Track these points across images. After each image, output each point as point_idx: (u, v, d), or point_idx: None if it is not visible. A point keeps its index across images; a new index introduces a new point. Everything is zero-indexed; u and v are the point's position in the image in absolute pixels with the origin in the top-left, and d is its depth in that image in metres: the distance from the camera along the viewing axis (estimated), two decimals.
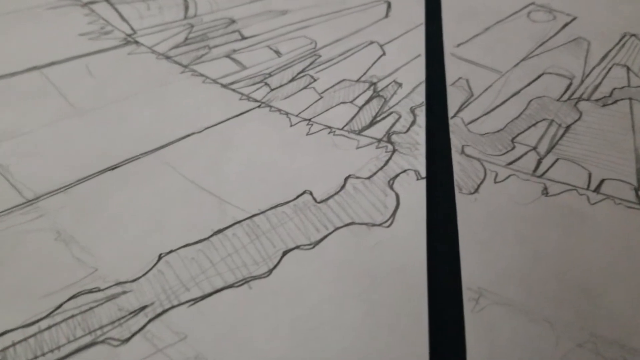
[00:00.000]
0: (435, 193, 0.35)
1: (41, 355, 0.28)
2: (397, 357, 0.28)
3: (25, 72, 0.47)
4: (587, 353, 0.28)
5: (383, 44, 0.49)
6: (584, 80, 0.45)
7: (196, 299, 0.30)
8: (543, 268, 0.31)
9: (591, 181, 0.36)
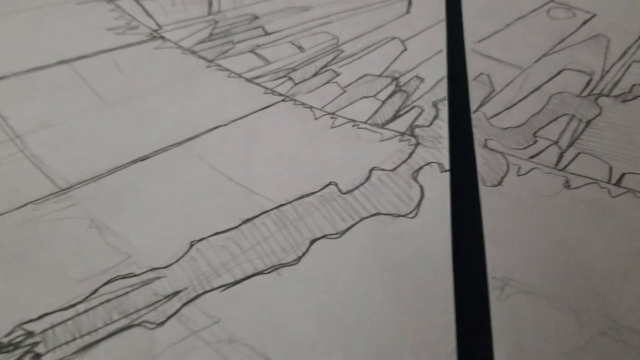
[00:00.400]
0: (459, 185, 0.36)
1: (79, 337, 0.29)
2: (424, 342, 0.28)
3: (54, 65, 0.48)
4: (610, 340, 0.29)
5: (404, 40, 0.49)
6: (603, 77, 0.45)
7: (228, 285, 0.31)
8: (566, 258, 0.32)
9: (612, 175, 0.37)
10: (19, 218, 0.35)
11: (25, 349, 0.29)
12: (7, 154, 0.39)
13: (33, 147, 0.40)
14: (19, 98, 0.44)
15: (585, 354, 0.28)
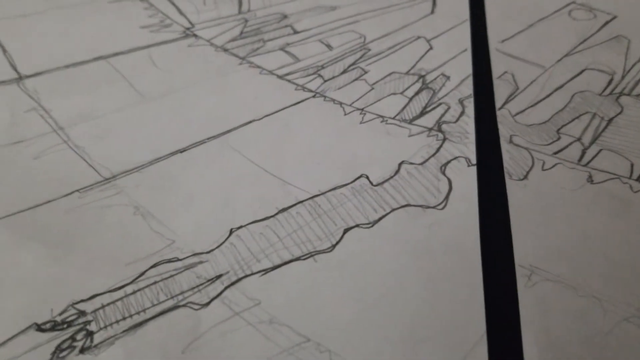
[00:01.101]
0: (486, 178, 0.37)
1: (129, 316, 0.31)
2: (455, 326, 0.30)
3: (92, 61, 0.49)
4: (632, 327, 0.30)
5: (430, 39, 0.51)
6: (624, 76, 0.47)
7: (267, 270, 0.33)
8: (590, 248, 0.33)
9: (633, 171, 0.38)
10: (67, 205, 0.37)
11: (79, 327, 0.30)
12: (52, 144, 0.41)
13: (76, 138, 0.42)
14: (60, 92, 0.46)
15: (608, 339, 0.29)
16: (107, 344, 0.30)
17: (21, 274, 0.32)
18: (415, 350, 0.29)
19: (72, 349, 0.29)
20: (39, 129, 0.42)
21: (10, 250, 0.34)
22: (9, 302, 0.31)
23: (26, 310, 0.31)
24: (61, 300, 0.31)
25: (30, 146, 0.41)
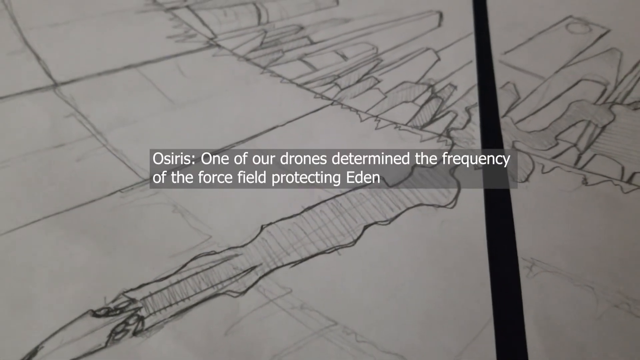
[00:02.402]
0: (491, 181, 0.41)
1: (175, 303, 0.35)
2: (465, 311, 0.34)
3: (123, 69, 0.53)
4: (621, 312, 0.34)
5: (438, 50, 0.55)
6: (617, 87, 0.51)
7: (296, 262, 0.37)
8: (585, 243, 0.37)
9: (624, 174, 0.42)
10: (110, 204, 0.41)
11: (130, 313, 0.34)
12: (92, 148, 0.45)
13: (114, 142, 0.45)
14: (95, 98, 0.50)
15: (600, 322, 0.33)
16: (157, 328, 0.33)
17: (76, 266, 0.36)
18: (430, 332, 0.33)
19: (125, 332, 0.33)
20: (79, 133, 0.46)
21: (65, 244, 0.37)
22: (66, 291, 0.35)
23: (82, 298, 0.34)
24: (113, 289, 0.35)
25: (72, 149, 0.45)
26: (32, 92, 0.50)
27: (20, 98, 0.49)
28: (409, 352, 0.32)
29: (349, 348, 0.32)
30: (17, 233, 0.38)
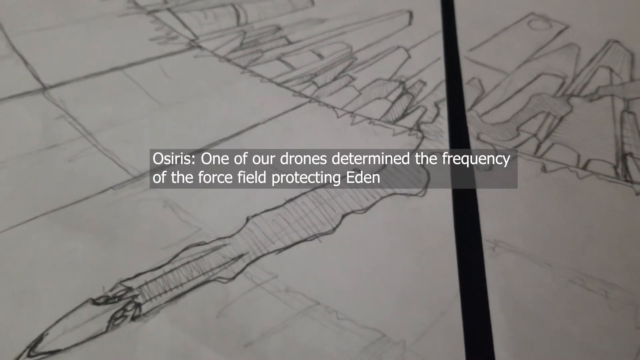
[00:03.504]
0: (458, 170, 0.45)
1: (169, 290, 0.37)
2: (435, 289, 0.37)
3: (109, 71, 0.55)
4: (576, 287, 0.37)
5: (408, 48, 0.58)
6: (574, 80, 0.54)
7: (280, 249, 0.40)
8: (544, 225, 0.41)
9: (580, 161, 0.46)
10: (104, 201, 0.43)
11: (128, 300, 0.37)
12: (83, 148, 0.47)
13: (104, 142, 0.48)
14: (84, 100, 0.52)
15: (557, 296, 0.37)
16: (153, 313, 0.36)
17: (75, 259, 0.39)
18: (403, 308, 0.36)
19: (124, 317, 0.36)
20: (70, 134, 0.48)
21: (63, 239, 0.40)
22: (67, 283, 0.37)
23: (82, 289, 0.37)
24: (110, 279, 0.38)
25: (64, 150, 0.47)
26: (22, 96, 0.52)
27: (11, 102, 0.51)
28: (385, 326, 0.35)
29: (331, 325, 0.35)
30: (18, 230, 0.40)
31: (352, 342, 0.34)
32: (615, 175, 0.45)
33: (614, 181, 0.44)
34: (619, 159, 0.46)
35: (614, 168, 0.46)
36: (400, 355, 0.34)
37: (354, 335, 0.35)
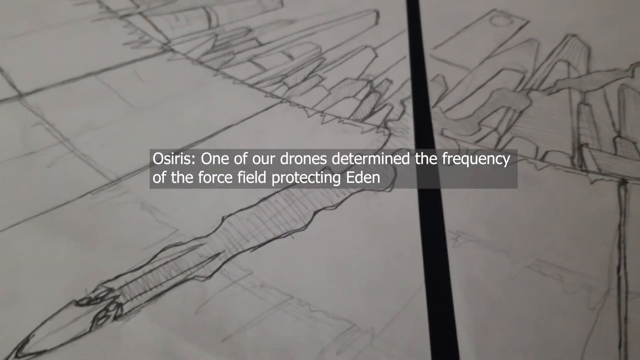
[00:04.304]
0: (423, 165, 0.47)
1: (149, 289, 0.39)
2: (402, 278, 0.39)
3: (83, 77, 0.57)
4: (533, 272, 0.40)
5: (375, 48, 0.60)
6: (534, 74, 0.57)
7: (255, 247, 0.42)
8: (503, 215, 0.43)
9: (538, 153, 0.49)
10: (83, 205, 0.45)
11: (110, 300, 0.39)
12: (61, 154, 0.49)
13: (81, 148, 0.49)
14: (60, 106, 0.53)
15: (515, 281, 0.39)
16: (134, 312, 0.38)
17: (57, 262, 0.40)
18: (372, 298, 0.38)
19: (107, 317, 0.38)
20: (47, 140, 0.50)
21: (45, 243, 0.41)
22: (50, 285, 0.39)
23: (65, 291, 0.39)
24: (92, 281, 0.39)
25: (42, 156, 0.48)
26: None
27: None
28: (355, 316, 0.37)
29: (304, 317, 0.37)
30: (1, 236, 0.42)
31: (324, 333, 0.36)
32: (571, 166, 0.48)
33: (570, 171, 0.47)
34: (576, 149, 0.49)
35: (571, 158, 0.48)
36: (370, 343, 0.36)
37: (325, 326, 0.37)
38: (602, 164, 0.48)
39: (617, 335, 0.36)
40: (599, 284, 0.39)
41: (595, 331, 0.37)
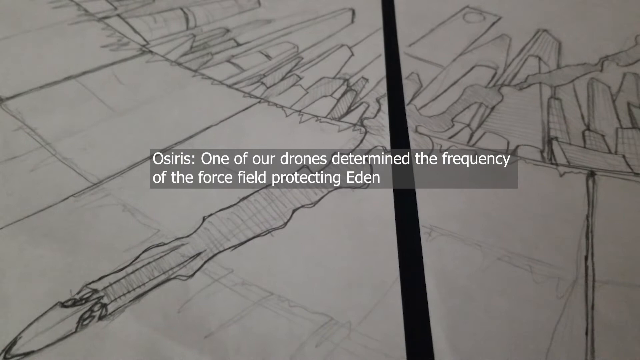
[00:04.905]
0: (398, 162, 0.49)
1: (132, 289, 0.40)
2: (377, 273, 0.41)
3: (63, 81, 0.57)
4: (504, 264, 0.41)
5: (351, 46, 0.61)
6: (505, 70, 0.58)
7: (235, 245, 0.43)
8: (475, 209, 0.45)
9: (509, 147, 0.50)
10: (65, 208, 0.45)
11: (94, 301, 0.40)
12: (43, 158, 0.49)
13: (63, 152, 0.50)
14: (40, 111, 0.54)
15: (486, 273, 0.41)
16: (119, 312, 0.39)
17: (42, 266, 0.41)
18: (349, 293, 0.40)
19: (92, 317, 0.39)
20: (29, 145, 0.50)
21: (30, 247, 0.42)
22: (36, 288, 0.40)
23: (50, 293, 0.40)
24: (76, 283, 0.40)
25: (24, 161, 0.49)
26: None
27: None
28: (333, 310, 0.39)
29: (284, 312, 0.39)
30: None
31: (303, 327, 0.38)
32: (541, 159, 0.49)
33: (540, 164, 0.49)
34: (546, 143, 0.51)
35: (541, 152, 0.50)
36: (347, 336, 0.37)
37: (304, 321, 0.38)
38: (571, 157, 0.49)
39: (584, 322, 0.38)
40: (567, 274, 0.41)
41: (563, 319, 0.38)
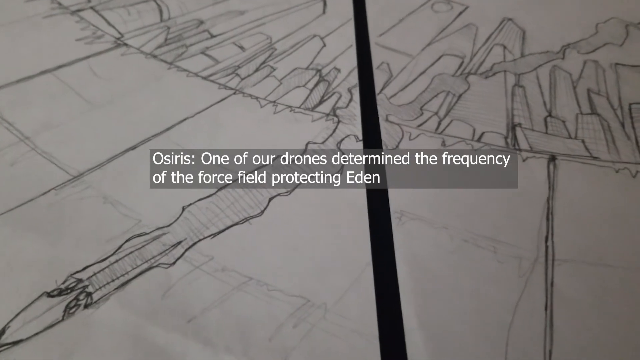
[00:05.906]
0: (369, 150, 0.51)
1: (116, 278, 0.42)
2: (350, 258, 0.43)
3: (39, 75, 0.58)
4: (469, 245, 0.44)
5: (323, 37, 0.63)
6: (472, 59, 0.61)
7: (215, 234, 0.44)
8: (443, 194, 0.47)
9: (475, 134, 0.53)
10: (46, 201, 0.47)
11: (79, 290, 0.41)
12: (22, 152, 0.50)
13: (42, 145, 0.51)
14: (17, 105, 0.55)
15: (454, 254, 0.43)
16: (104, 300, 0.40)
17: (27, 258, 0.42)
18: (324, 276, 0.42)
19: (78, 306, 0.40)
20: (8, 139, 0.51)
21: (13, 241, 0.43)
22: (21, 280, 0.41)
23: (36, 284, 0.41)
24: (61, 274, 0.42)
25: (4, 155, 0.50)
26: None
27: None
28: (309, 293, 0.41)
29: (263, 296, 0.41)
30: None
31: (281, 309, 0.40)
32: (505, 145, 0.52)
33: (504, 150, 0.51)
34: (510, 129, 0.53)
35: (505, 138, 0.52)
36: (323, 317, 0.39)
37: (282, 303, 0.40)
38: (534, 142, 0.52)
39: (543, 298, 0.41)
40: (529, 253, 0.43)
41: (525, 295, 0.41)
